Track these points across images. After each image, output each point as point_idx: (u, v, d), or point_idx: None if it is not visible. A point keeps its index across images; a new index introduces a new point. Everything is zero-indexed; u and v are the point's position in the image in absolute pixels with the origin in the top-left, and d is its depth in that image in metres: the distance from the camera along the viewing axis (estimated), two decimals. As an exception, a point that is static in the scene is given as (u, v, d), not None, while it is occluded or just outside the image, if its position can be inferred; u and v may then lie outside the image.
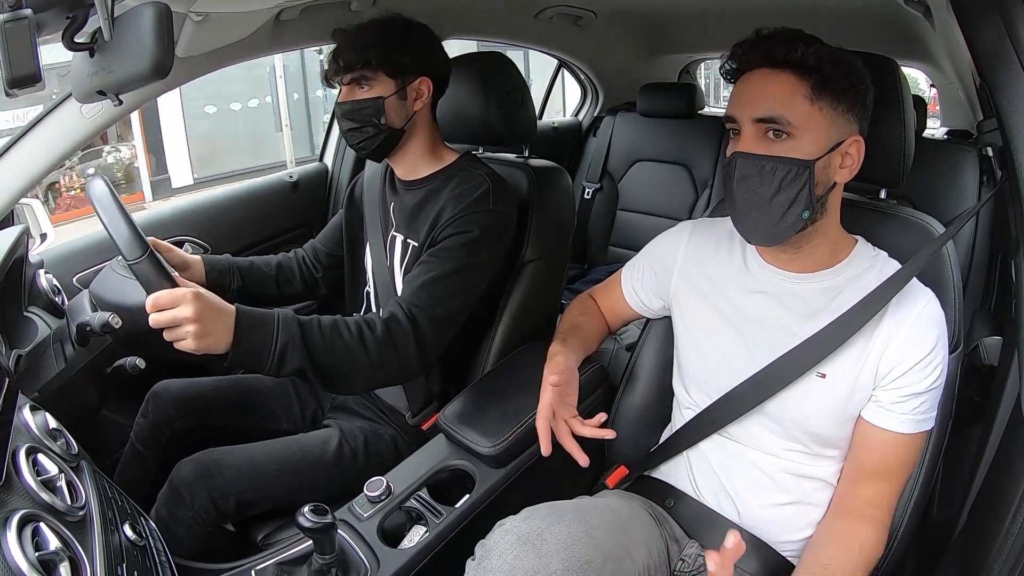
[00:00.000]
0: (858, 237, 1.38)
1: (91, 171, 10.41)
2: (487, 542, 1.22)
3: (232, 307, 1.40)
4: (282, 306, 2.26)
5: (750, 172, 1.25)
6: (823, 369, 1.30)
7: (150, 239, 1.57)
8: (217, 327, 1.36)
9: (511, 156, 2.06)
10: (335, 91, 1.79)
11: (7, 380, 1.09)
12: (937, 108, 4.29)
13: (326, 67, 1.75)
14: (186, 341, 1.33)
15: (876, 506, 1.30)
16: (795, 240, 1.30)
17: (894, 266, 1.32)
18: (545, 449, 1.45)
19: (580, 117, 4.00)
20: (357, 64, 1.68)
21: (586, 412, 1.58)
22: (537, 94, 3.61)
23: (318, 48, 3.26)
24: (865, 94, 1.27)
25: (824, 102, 1.22)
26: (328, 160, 2.89)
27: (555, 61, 3.77)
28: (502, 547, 1.18)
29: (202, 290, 1.36)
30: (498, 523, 1.25)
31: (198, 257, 1.82)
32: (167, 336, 1.34)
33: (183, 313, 1.31)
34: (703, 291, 1.48)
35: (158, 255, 1.37)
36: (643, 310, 1.67)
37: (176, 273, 1.39)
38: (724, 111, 1.32)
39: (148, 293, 1.33)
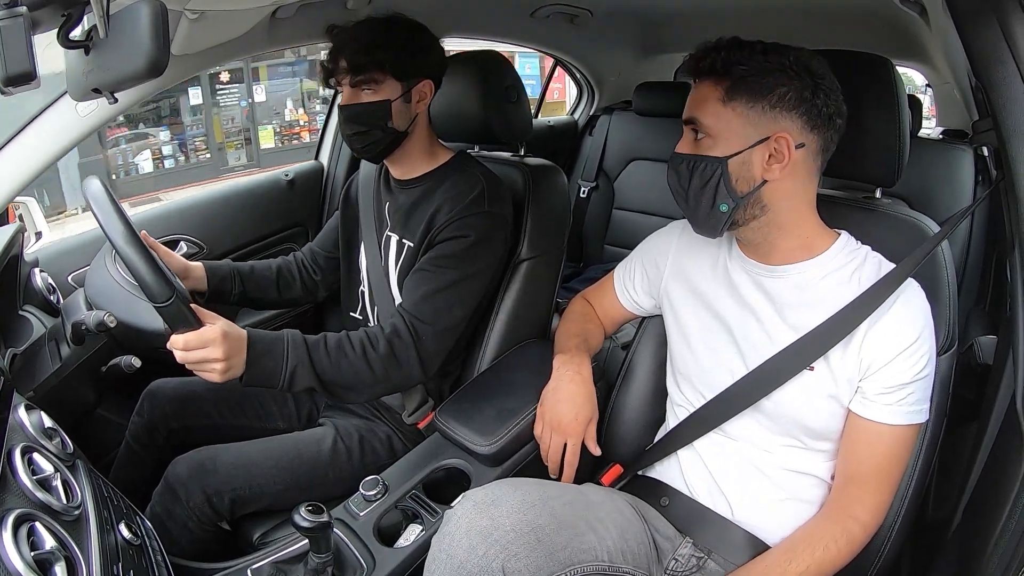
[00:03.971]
0: (842, 231, 1.38)
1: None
2: (449, 510, 1.28)
3: (245, 333, 1.44)
4: (282, 308, 2.27)
5: (678, 169, 1.35)
6: (813, 363, 1.32)
7: (148, 238, 1.57)
8: (238, 360, 1.41)
9: (506, 154, 2.06)
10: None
11: (2, 379, 1.09)
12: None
13: (326, 66, 1.73)
14: (212, 375, 1.38)
15: (860, 502, 1.30)
16: (743, 233, 1.38)
17: (876, 260, 1.34)
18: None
19: (576, 116, 4.00)
20: (368, 66, 1.66)
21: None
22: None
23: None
24: (805, 91, 1.26)
25: (738, 103, 1.27)
26: (324, 158, 2.88)
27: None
28: (459, 513, 1.23)
29: (226, 327, 1.39)
30: (463, 494, 1.30)
31: (199, 264, 1.82)
32: (193, 369, 1.39)
33: (213, 355, 1.36)
34: (693, 289, 1.50)
35: (185, 296, 1.38)
36: (636, 309, 1.69)
37: (196, 306, 1.39)
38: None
39: (172, 330, 1.36)
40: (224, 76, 12.54)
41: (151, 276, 1.30)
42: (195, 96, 12.44)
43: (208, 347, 1.35)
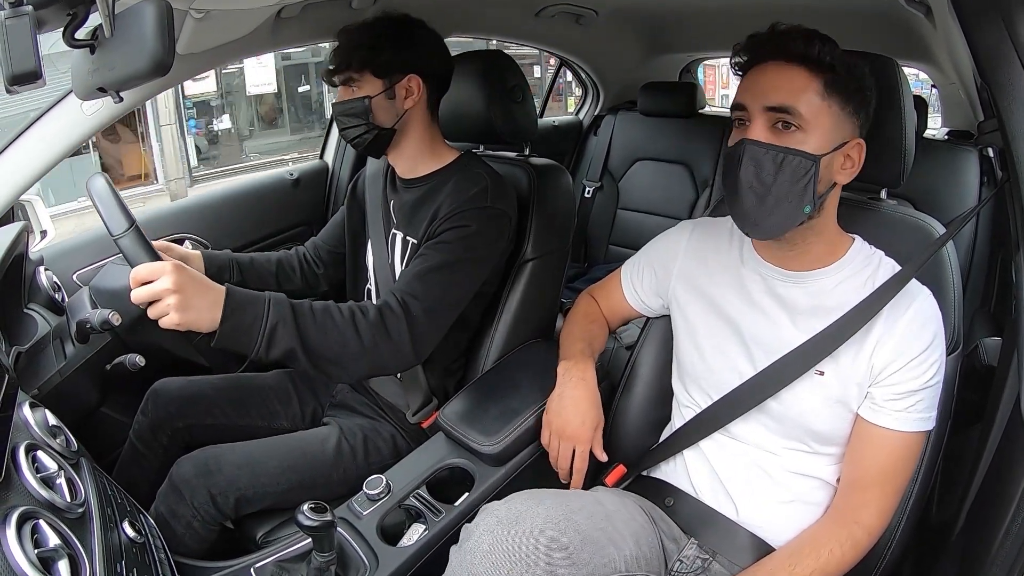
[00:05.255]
0: (855, 236, 1.38)
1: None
2: (469, 525, 1.25)
3: (222, 286, 1.41)
4: None
5: (757, 160, 1.25)
6: (821, 367, 1.31)
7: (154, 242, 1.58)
8: (200, 301, 1.36)
9: (511, 154, 2.06)
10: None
11: (7, 377, 1.09)
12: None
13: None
14: (169, 315, 1.32)
15: (866, 507, 1.29)
16: (791, 236, 1.31)
17: (890, 265, 1.33)
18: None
19: (581, 116, 4.00)
20: (343, 66, 1.70)
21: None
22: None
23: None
24: (870, 100, 1.29)
25: (834, 100, 1.23)
26: (328, 158, 2.90)
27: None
28: (481, 529, 1.21)
29: (185, 265, 1.36)
30: (482, 507, 1.27)
31: (197, 252, 1.82)
32: (151, 313, 1.34)
33: (163, 285, 1.31)
34: (702, 290, 1.49)
35: (143, 231, 1.37)
36: (643, 308, 1.68)
37: (163, 254, 1.39)
38: (726, 109, 1.33)
39: (133, 268, 1.34)
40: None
41: (112, 208, 1.33)
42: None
43: (160, 278, 1.31)
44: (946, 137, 3.21)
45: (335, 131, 2.87)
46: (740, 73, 1.33)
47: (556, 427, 1.55)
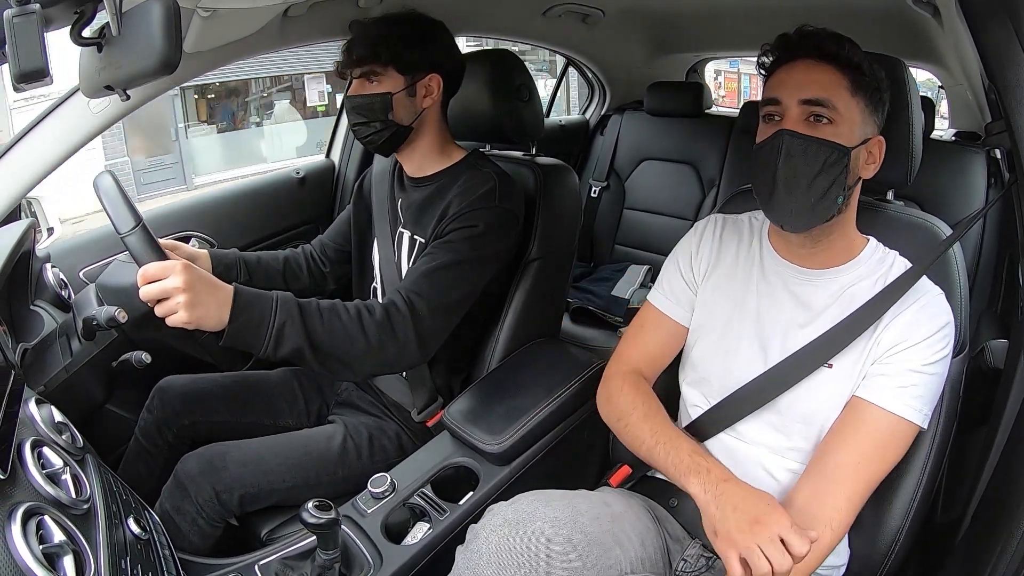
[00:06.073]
0: (869, 237, 1.39)
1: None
2: (475, 526, 1.25)
3: (230, 286, 1.42)
4: None
5: (796, 151, 1.27)
6: (830, 360, 1.31)
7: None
8: (209, 299, 1.37)
9: (518, 154, 2.06)
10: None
11: (13, 373, 1.10)
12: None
13: (340, 59, 1.76)
14: (178, 313, 1.34)
15: (832, 495, 1.23)
16: (817, 233, 1.34)
17: (903, 264, 1.34)
18: None
19: (587, 115, 3.99)
20: (368, 59, 1.69)
21: (589, 412, 1.58)
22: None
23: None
24: (887, 100, 1.33)
25: (860, 97, 1.28)
26: (335, 156, 2.90)
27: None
28: (488, 530, 1.21)
29: (193, 264, 1.37)
30: (488, 508, 1.28)
31: (205, 251, 1.82)
32: (159, 311, 1.35)
33: (172, 283, 1.33)
34: (722, 289, 1.48)
35: (150, 229, 1.38)
36: (687, 320, 1.55)
37: (171, 253, 1.40)
38: (736, 109, 1.33)
39: (140, 267, 1.35)
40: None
41: (119, 206, 1.34)
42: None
43: (169, 276, 1.33)
44: (953, 138, 3.20)
45: (341, 129, 2.87)
46: (765, 72, 1.37)
47: (741, 540, 1.14)
